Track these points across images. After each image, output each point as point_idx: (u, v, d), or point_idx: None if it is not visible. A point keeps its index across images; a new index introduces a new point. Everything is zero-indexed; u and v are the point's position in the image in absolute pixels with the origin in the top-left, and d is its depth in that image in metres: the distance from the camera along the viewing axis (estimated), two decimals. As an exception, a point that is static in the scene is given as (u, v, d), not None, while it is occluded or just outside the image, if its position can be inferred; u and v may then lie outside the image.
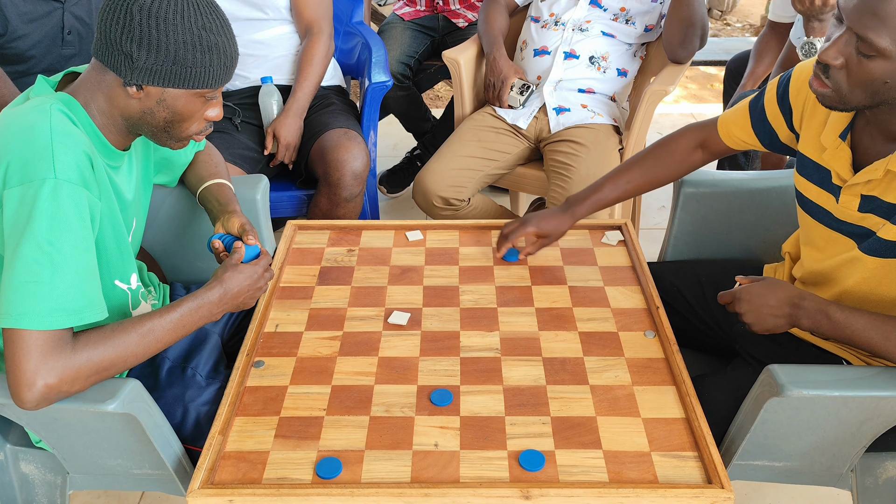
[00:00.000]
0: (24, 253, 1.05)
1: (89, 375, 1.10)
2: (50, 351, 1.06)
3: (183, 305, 1.21)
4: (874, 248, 1.22)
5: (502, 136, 2.26)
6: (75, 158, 1.11)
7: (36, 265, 1.06)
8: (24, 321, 1.05)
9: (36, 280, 1.05)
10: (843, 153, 1.24)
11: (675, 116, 3.86)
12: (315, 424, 1.22)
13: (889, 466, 1.31)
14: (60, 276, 1.07)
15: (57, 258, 1.06)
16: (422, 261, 1.63)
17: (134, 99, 1.17)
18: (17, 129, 1.11)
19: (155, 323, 1.17)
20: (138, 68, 1.13)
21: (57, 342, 1.07)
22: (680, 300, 1.56)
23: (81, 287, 1.10)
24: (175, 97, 1.17)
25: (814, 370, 1.19)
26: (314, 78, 2.18)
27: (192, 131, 1.24)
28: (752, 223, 1.65)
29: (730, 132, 1.50)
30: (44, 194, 1.06)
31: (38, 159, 1.08)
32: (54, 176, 1.07)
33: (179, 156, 1.52)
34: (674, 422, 1.22)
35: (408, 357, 1.36)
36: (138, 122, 1.20)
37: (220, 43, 1.16)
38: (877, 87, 1.10)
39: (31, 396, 1.05)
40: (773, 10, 2.49)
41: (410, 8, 2.91)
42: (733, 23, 5.42)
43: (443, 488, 1.10)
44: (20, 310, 1.05)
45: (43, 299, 1.05)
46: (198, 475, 1.11)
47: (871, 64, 1.08)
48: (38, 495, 1.35)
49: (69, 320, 1.08)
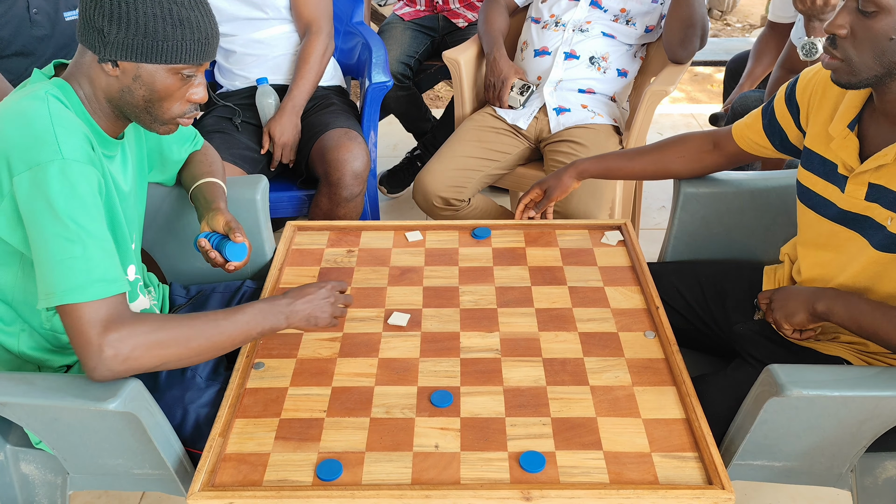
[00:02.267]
0: (50, 233, 1.08)
1: (152, 347, 1.11)
2: (104, 320, 1.08)
3: (250, 308, 1.22)
4: (885, 242, 1.22)
5: (502, 136, 2.26)
6: (78, 139, 1.13)
7: (66, 242, 1.08)
8: (70, 296, 1.07)
9: (70, 256, 1.08)
10: (851, 143, 1.26)
11: (675, 116, 3.86)
12: (315, 426, 1.22)
13: (889, 466, 1.31)
14: (91, 249, 1.09)
15: (83, 233, 1.09)
16: (421, 261, 1.63)
17: (112, 77, 1.17)
18: (15, 115, 1.12)
19: (221, 315, 1.19)
20: (110, 43, 1.13)
21: (109, 311, 1.09)
22: (680, 300, 1.56)
23: (112, 258, 1.13)
24: (151, 73, 1.17)
25: (814, 370, 1.19)
26: (311, 76, 2.18)
27: (175, 112, 1.23)
28: (752, 223, 1.65)
29: (742, 133, 1.53)
30: (54, 174, 1.08)
31: (41, 143, 1.09)
32: (61, 157, 1.08)
33: (172, 151, 1.52)
34: (674, 422, 1.22)
35: (408, 358, 1.36)
36: (120, 103, 1.20)
37: (192, 18, 1.15)
38: (884, 46, 1.13)
39: (101, 368, 1.08)
40: (773, 10, 2.50)
41: (410, 8, 2.91)
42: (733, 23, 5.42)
43: (443, 490, 1.10)
44: (63, 287, 1.07)
45: (83, 272, 1.08)
46: (198, 477, 1.11)
47: (873, 22, 1.13)
48: (39, 496, 1.35)
49: (111, 289, 1.10)
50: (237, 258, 1.40)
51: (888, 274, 1.24)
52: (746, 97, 2.30)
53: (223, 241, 1.40)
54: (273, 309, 1.24)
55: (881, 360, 1.31)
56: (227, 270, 1.41)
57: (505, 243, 1.68)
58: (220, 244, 1.40)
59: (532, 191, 1.74)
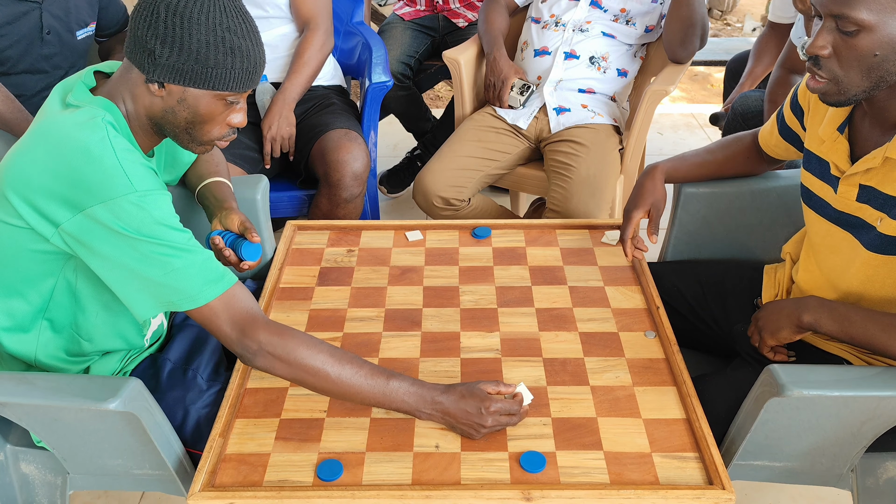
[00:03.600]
0: (147, 254, 1.11)
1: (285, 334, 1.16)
2: (233, 315, 1.15)
3: (407, 381, 1.20)
4: (875, 243, 1.22)
5: (502, 136, 2.26)
6: (144, 168, 1.14)
7: (164, 257, 1.11)
8: (202, 297, 1.13)
9: (175, 267, 1.12)
10: (841, 145, 1.26)
11: (675, 116, 3.86)
12: (316, 426, 1.22)
13: (889, 466, 1.31)
14: (191, 254, 1.13)
15: (176, 248, 1.12)
16: (422, 261, 1.62)
17: (156, 97, 1.17)
18: (76, 147, 1.11)
19: (364, 369, 1.18)
20: (160, 65, 1.13)
21: (231, 306, 1.15)
22: (680, 300, 1.56)
23: (210, 260, 1.16)
24: (196, 97, 1.17)
25: (814, 370, 1.19)
26: (306, 71, 2.16)
27: (215, 135, 1.23)
28: (752, 223, 1.65)
29: (767, 142, 1.53)
30: (133, 204, 1.09)
31: (112, 177, 1.09)
32: (135, 189, 1.10)
33: (185, 154, 1.52)
34: (674, 422, 1.22)
35: (408, 358, 1.36)
36: (161, 122, 1.21)
37: (243, 46, 1.15)
38: (869, 63, 1.11)
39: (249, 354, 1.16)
40: (773, 10, 2.49)
41: (410, 8, 2.91)
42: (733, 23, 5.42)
43: (444, 490, 1.10)
44: (189, 292, 1.13)
45: (195, 276, 1.13)
46: (198, 478, 1.11)
47: (856, 40, 1.10)
48: (39, 495, 1.35)
49: (221, 286, 1.15)
50: (252, 258, 1.41)
51: (880, 277, 1.24)
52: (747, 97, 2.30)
53: (238, 241, 1.41)
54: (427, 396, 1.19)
55: (881, 360, 1.31)
56: (239, 269, 1.42)
57: (505, 243, 1.68)
58: (235, 243, 1.41)
59: (633, 217, 1.54)
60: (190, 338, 1.42)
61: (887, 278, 1.23)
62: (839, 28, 1.11)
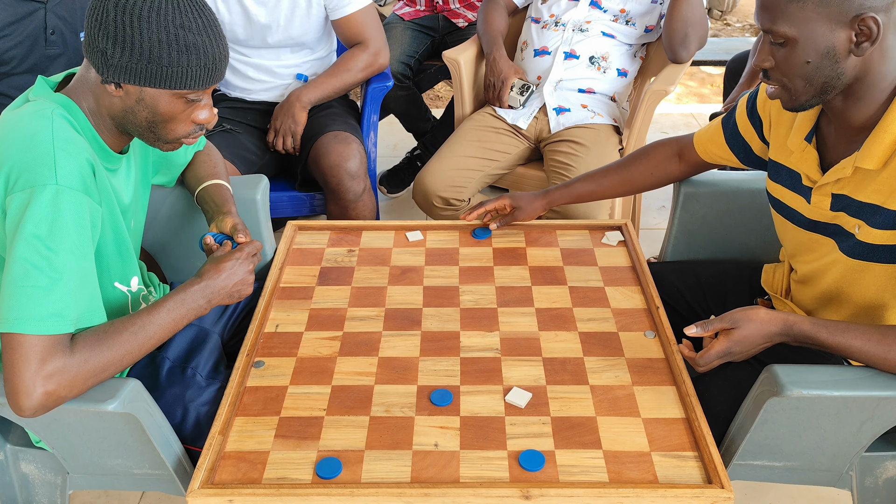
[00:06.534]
0: (22, 256, 1.05)
1: (87, 379, 1.09)
2: (48, 357, 1.04)
3: (168, 302, 1.20)
4: (856, 251, 1.23)
5: (502, 136, 2.26)
6: (77, 165, 1.11)
7: (34, 270, 1.05)
8: (20, 325, 1.04)
9: (34, 285, 1.05)
10: (810, 155, 1.27)
11: (675, 116, 3.86)
12: (315, 424, 1.22)
13: (889, 466, 1.31)
14: (58, 282, 1.06)
15: (56, 263, 1.06)
16: (422, 261, 1.63)
17: (115, 97, 1.16)
18: (19, 134, 1.11)
19: (144, 320, 1.16)
20: (112, 66, 1.11)
21: (54, 348, 1.05)
22: (680, 300, 1.56)
23: (79, 293, 1.09)
24: (154, 97, 1.15)
25: (814, 370, 1.19)
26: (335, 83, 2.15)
27: (180, 133, 1.21)
28: (752, 223, 1.65)
29: (706, 148, 1.54)
30: (45, 199, 1.06)
31: (39, 165, 1.07)
32: (56, 182, 1.07)
33: (178, 156, 1.52)
34: (674, 422, 1.22)
35: (408, 357, 1.36)
36: (123, 122, 1.19)
37: (199, 43, 1.13)
38: (805, 71, 1.15)
39: (30, 404, 1.04)
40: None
41: (410, 8, 2.91)
42: (733, 23, 5.42)
43: (443, 488, 1.10)
44: (17, 314, 1.04)
45: (41, 304, 1.04)
46: (198, 475, 1.11)
47: (787, 51, 1.15)
48: (38, 495, 1.35)
49: (66, 326, 1.07)
50: None
51: (863, 281, 1.25)
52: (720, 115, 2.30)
53: (227, 241, 1.40)
54: (190, 296, 1.22)
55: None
56: None
57: (505, 243, 1.68)
58: (224, 243, 1.40)
59: (501, 201, 1.67)
60: (189, 336, 1.42)
61: (867, 282, 1.24)
62: (773, 42, 1.16)
